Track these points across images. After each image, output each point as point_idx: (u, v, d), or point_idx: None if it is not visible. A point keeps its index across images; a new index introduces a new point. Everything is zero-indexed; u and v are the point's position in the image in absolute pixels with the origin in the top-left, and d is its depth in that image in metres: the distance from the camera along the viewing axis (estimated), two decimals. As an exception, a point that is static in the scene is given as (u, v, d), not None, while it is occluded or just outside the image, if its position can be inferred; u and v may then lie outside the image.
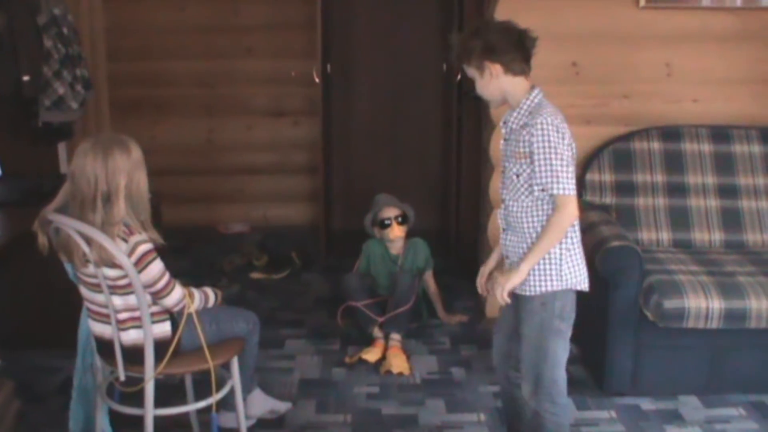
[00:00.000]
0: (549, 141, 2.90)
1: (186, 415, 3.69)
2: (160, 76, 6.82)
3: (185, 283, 3.27)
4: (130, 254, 2.98)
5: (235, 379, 3.39)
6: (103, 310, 3.12)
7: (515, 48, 3.02)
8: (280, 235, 6.69)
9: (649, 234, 4.49)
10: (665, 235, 4.49)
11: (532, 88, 3.06)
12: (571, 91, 4.69)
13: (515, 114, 3.06)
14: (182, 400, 3.69)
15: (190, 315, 3.20)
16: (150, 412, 3.18)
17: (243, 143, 6.98)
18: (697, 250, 4.41)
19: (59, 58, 4.71)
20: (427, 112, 6.78)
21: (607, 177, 4.58)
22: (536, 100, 3.03)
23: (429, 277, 5.11)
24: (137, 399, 3.21)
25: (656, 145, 4.61)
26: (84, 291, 3.18)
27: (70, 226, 2.97)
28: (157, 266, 3.06)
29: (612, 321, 3.99)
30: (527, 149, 2.96)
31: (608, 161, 4.59)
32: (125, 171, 3.02)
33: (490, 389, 4.22)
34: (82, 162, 3.01)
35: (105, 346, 3.21)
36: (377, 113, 6.85)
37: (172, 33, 6.75)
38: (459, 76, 5.66)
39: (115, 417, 3.50)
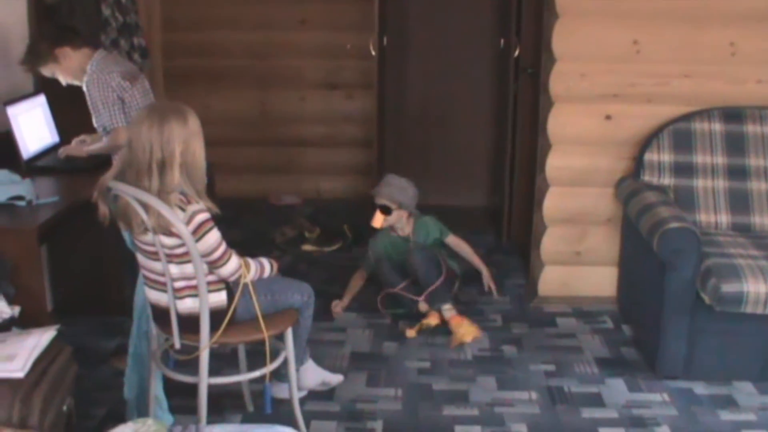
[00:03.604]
0: None
1: (238, 384, 3.72)
2: (214, 47, 6.82)
3: (241, 254, 3.27)
4: (187, 223, 2.99)
5: (289, 350, 3.40)
6: (160, 278, 3.14)
7: None
8: (332, 208, 6.69)
9: (707, 216, 4.41)
10: (724, 218, 4.40)
11: None
12: (632, 70, 4.61)
13: None
14: (234, 370, 3.72)
15: (245, 285, 3.20)
16: (204, 380, 3.20)
17: (296, 115, 6.97)
18: (757, 235, 4.32)
19: (117, 27, 4.74)
20: (482, 88, 6.73)
21: (666, 157, 4.50)
22: None
23: (452, 240, 5.02)
24: (191, 367, 3.24)
25: (717, 127, 4.52)
26: (141, 259, 3.20)
27: (129, 193, 2.99)
28: (214, 235, 3.07)
29: (667, 303, 3.94)
30: None
31: (667, 141, 4.51)
32: (181, 139, 3.02)
33: (541, 368, 4.19)
34: (138, 129, 3.03)
35: (161, 314, 3.23)
36: (431, 88, 6.82)
37: (226, 4, 6.75)
38: (517, 52, 5.59)
39: (168, 385, 3.53)
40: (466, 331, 4.45)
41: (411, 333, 4.53)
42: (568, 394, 3.95)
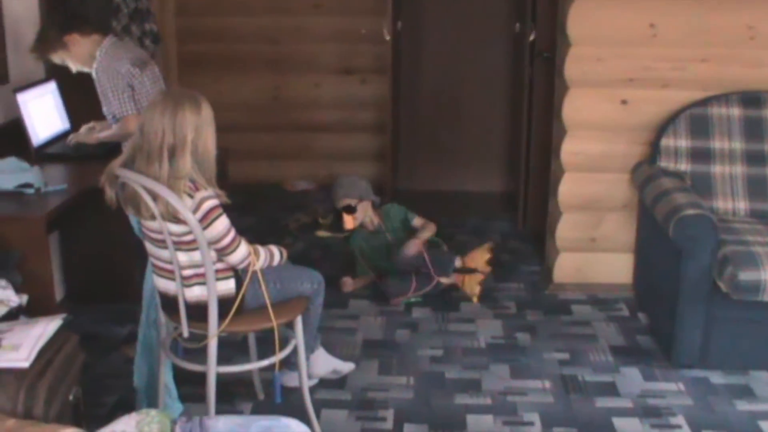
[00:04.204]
0: None
1: (248, 372, 3.69)
2: (227, 32, 6.78)
3: (251, 241, 3.24)
4: (195, 209, 2.96)
5: (299, 339, 3.37)
6: (168, 266, 3.11)
7: None
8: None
9: (725, 203, 4.34)
10: (742, 205, 4.33)
11: None
12: (648, 54, 4.53)
13: None
14: (245, 358, 3.70)
15: (254, 273, 3.18)
16: (213, 369, 3.18)
17: (310, 100, 6.92)
18: (776, 221, 4.26)
19: (128, 13, 4.72)
20: (497, 72, 6.68)
21: (683, 143, 4.43)
22: None
23: (418, 222, 5.08)
24: (200, 356, 3.21)
25: (735, 111, 4.44)
26: (149, 246, 3.17)
27: (136, 181, 2.96)
28: (222, 223, 3.03)
29: (683, 291, 3.88)
30: None
31: (684, 127, 4.44)
32: (193, 126, 3.00)
33: (555, 356, 4.15)
34: (151, 114, 3.02)
35: (169, 302, 3.21)
36: (446, 72, 6.77)
37: (240, -12, 6.73)
38: (533, 36, 5.53)
39: (178, 373, 3.51)
40: (469, 283, 4.62)
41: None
42: (582, 383, 3.90)
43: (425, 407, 3.72)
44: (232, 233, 3.07)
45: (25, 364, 2.59)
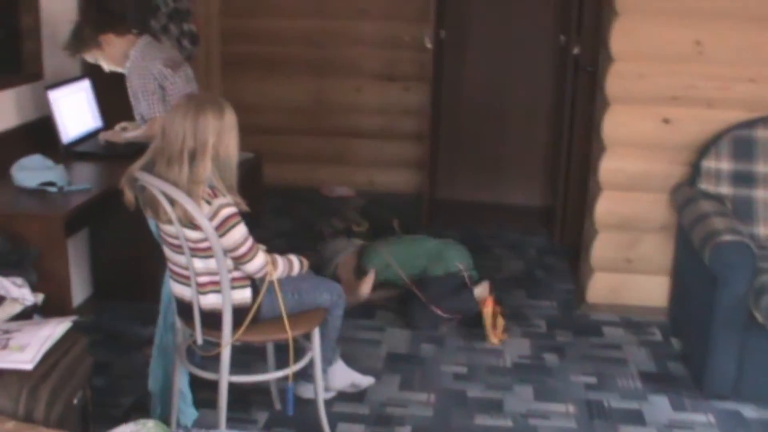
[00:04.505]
0: None
1: (266, 380, 3.64)
2: (271, 34, 6.76)
3: (269, 250, 3.19)
4: (213, 217, 2.92)
5: (315, 351, 3.31)
6: (184, 272, 3.08)
7: None
8: (383, 202, 6.59)
9: (767, 229, 4.20)
10: (784, 232, 4.19)
11: None
12: (693, 72, 4.40)
13: None
14: (265, 366, 3.65)
15: (271, 283, 3.12)
16: (225, 378, 3.13)
17: (351, 106, 6.87)
18: (819, 251, 4.10)
19: (167, 12, 4.70)
20: (541, 84, 6.57)
21: (725, 165, 4.28)
22: None
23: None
24: (217, 363, 3.16)
25: (782, 135, 4.30)
26: (166, 251, 3.14)
27: (155, 185, 2.93)
28: (239, 231, 2.98)
29: (717, 319, 3.75)
30: None
31: (727, 148, 4.29)
32: (215, 131, 2.96)
33: (582, 379, 4.04)
34: (173, 117, 2.99)
35: (184, 308, 3.17)
36: (488, 83, 6.68)
37: (285, -9, 6.71)
38: (577, 50, 5.42)
39: (195, 378, 3.46)
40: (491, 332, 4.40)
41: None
42: (607, 409, 3.78)
43: (444, 426, 3.63)
44: (249, 242, 3.01)
45: (29, 366, 2.57)
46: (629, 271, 4.71)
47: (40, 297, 3.13)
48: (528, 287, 5.04)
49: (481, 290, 4.62)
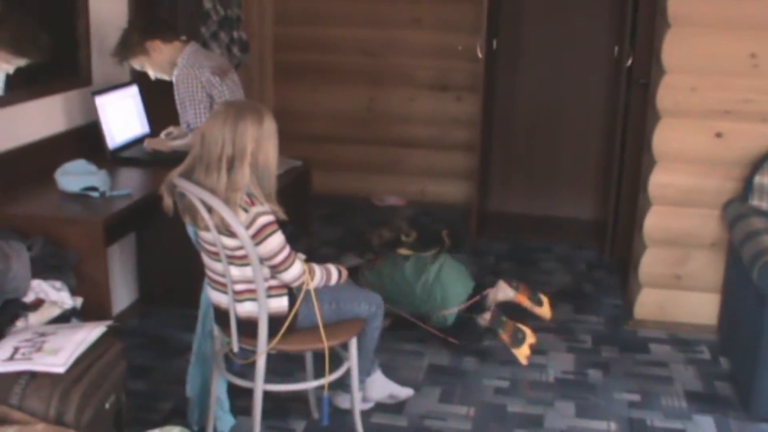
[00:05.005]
0: None
1: (304, 389, 3.63)
2: (325, 42, 6.78)
3: (312, 259, 3.18)
4: (249, 225, 2.92)
5: (352, 361, 3.29)
6: (221, 279, 3.08)
7: None
8: (433, 213, 6.56)
9: (820, 248, 4.08)
10: (839, 251, 4.06)
11: None
12: (748, 85, 4.30)
13: None
14: (303, 374, 3.64)
15: (308, 292, 3.11)
16: (260, 387, 3.13)
17: (404, 115, 6.86)
18: None
19: (217, 20, 4.74)
20: (592, 97, 6.48)
21: (779, 181, 4.19)
22: None
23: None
24: (254, 371, 3.16)
25: (839, 152, 4.18)
26: (205, 258, 3.15)
27: (193, 192, 2.93)
28: (276, 239, 2.97)
29: (765, 339, 3.65)
30: None
31: (782, 164, 4.20)
32: (254, 138, 2.95)
33: (625, 397, 3.96)
34: (212, 124, 2.99)
35: (221, 315, 3.18)
36: (541, 94, 6.61)
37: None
38: (630, 62, 5.34)
39: (233, 385, 3.46)
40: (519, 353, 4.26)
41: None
42: (650, 428, 3.70)
43: (481, 441, 3.60)
44: (286, 251, 3.01)
45: (61, 370, 2.58)
46: (678, 287, 4.62)
47: (78, 301, 3.16)
48: (575, 302, 4.96)
49: (503, 293, 4.50)
